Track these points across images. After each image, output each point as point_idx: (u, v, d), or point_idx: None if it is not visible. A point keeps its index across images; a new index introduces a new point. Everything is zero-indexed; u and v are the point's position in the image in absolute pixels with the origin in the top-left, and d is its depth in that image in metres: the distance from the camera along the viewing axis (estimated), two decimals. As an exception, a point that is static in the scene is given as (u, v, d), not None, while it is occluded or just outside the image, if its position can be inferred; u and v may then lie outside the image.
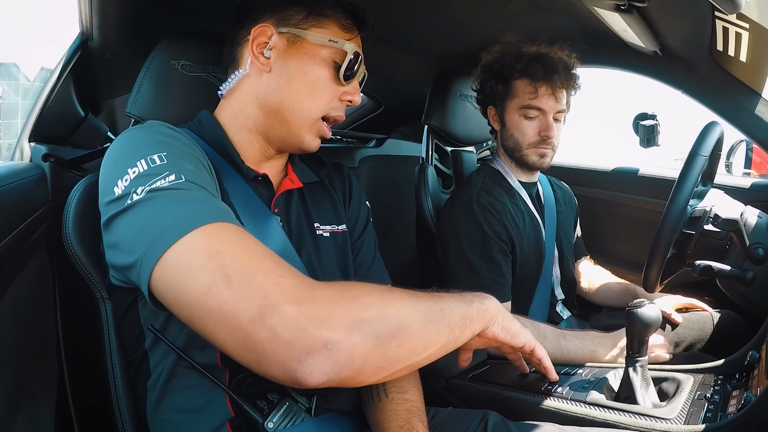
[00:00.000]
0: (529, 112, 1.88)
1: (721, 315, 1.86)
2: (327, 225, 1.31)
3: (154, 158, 0.92)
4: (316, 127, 1.20)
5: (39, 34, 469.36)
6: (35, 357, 1.35)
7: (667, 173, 2.58)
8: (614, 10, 1.46)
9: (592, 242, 2.46)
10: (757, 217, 1.58)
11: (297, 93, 1.16)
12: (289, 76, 1.16)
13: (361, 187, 1.46)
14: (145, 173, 0.90)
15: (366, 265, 1.38)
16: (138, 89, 1.35)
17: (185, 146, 1.02)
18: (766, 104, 1.61)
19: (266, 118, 1.19)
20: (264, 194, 1.21)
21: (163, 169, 0.91)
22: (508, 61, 1.90)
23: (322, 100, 1.18)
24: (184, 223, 0.83)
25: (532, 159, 1.92)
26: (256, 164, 1.23)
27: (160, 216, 0.85)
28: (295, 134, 1.19)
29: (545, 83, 1.85)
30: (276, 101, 1.17)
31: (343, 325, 0.78)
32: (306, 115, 1.18)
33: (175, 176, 0.90)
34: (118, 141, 1.02)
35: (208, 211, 0.86)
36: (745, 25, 1.38)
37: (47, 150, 1.58)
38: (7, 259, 1.16)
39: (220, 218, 0.86)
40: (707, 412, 1.23)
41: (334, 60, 1.18)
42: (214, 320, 0.78)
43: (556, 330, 1.71)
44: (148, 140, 0.99)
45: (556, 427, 1.20)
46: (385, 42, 2.26)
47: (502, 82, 1.92)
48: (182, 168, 0.93)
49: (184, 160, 0.96)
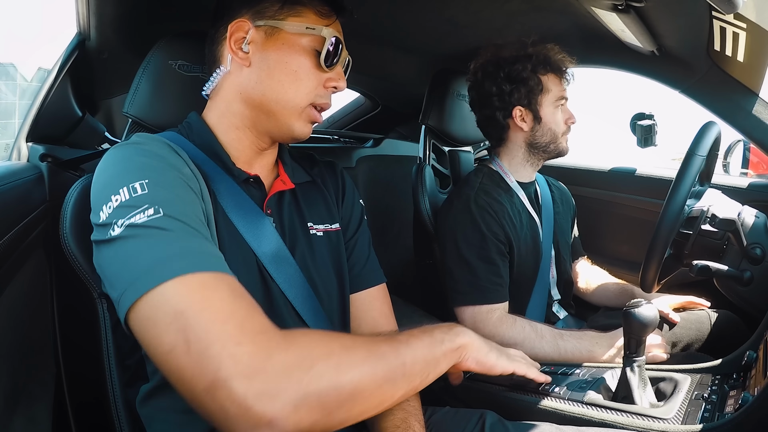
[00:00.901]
0: (560, 103, 1.96)
1: (718, 315, 1.86)
2: (320, 224, 1.30)
3: (136, 187, 0.92)
4: (306, 114, 1.20)
5: (39, 34, 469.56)
6: (33, 357, 1.35)
7: (664, 173, 2.58)
8: (612, 10, 1.47)
9: (589, 242, 2.46)
10: (754, 217, 1.59)
11: (279, 84, 1.16)
12: (269, 68, 1.16)
13: (354, 186, 1.46)
14: (126, 204, 0.90)
15: (360, 264, 1.38)
16: (135, 89, 1.34)
17: (168, 167, 1.00)
18: (764, 104, 1.61)
19: (252, 113, 1.18)
20: (256, 195, 1.21)
21: (142, 201, 0.90)
22: (539, 60, 1.92)
23: (306, 88, 1.17)
24: (154, 273, 0.82)
25: (564, 146, 2.01)
26: (248, 163, 1.23)
27: (135, 260, 0.85)
28: (285, 124, 1.19)
29: (563, 75, 1.96)
30: (259, 94, 1.16)
31: (291, 402, 0.77)
32: (292, 105, 1.17)
33: (154, 210, 0.89)
34: (106, 160, 1.02)
35: (180, 261, 0.85)
36: (742, 25, 1.38)
37: (44, 150, 1.57)
38: (4, 259, 1.16)
39: (191, 268, 0.84)
40: (705, 412, 1.23)
41: (314, 48, 1.17)
42: (175, 379, 0.79)
43: (553, 330, 1.72)
44: (132, 163, 0.98)
45: (553, 426, 1.20)
46: (383, 42, 2.27)
47: (533, 80, 1.93)
48: (162, 199, 0.91)
49: (166, 189, 0.95)
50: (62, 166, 1.55)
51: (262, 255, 1.14)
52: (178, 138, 1.18)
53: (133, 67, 1.37)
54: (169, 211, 0.90)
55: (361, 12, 1.91)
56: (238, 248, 1.11)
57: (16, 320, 1.25)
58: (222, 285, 0.85)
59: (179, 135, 1.20)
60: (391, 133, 3.39)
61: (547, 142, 1.97)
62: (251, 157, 1.23)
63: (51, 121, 1.66)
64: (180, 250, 0.86)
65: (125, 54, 1.74)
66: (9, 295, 1.19)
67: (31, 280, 1.36)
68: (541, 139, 1.97)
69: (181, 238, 0.89)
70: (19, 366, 1.24)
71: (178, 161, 1.03)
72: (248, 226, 1.14)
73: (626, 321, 1.31)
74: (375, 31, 2.12)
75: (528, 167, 2.03)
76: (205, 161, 1.15)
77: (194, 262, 0.85)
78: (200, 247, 0.90)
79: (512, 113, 1.97)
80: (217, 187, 1.13)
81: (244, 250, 1.13)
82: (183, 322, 0.79)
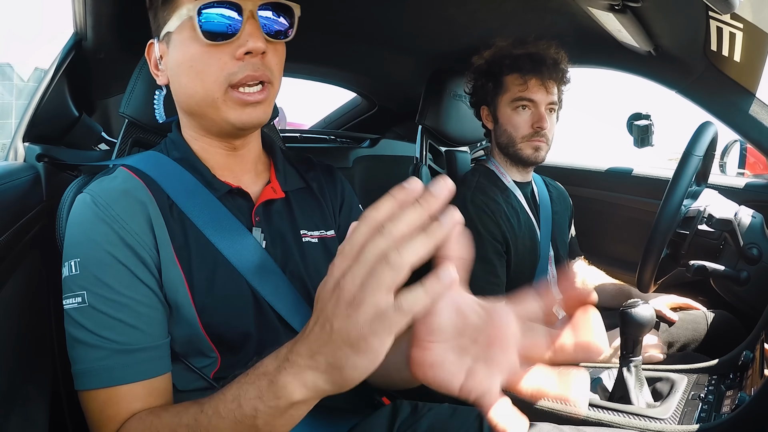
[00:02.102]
0: (520, 105, 1.90)
1: (715, 315, 1.87)
2: (315, 231, 1.26)
3: (72, 265, 1.00)
4: (230, 101, 1.06)
5: (39, 34, 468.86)
6: (29, 357, 1.35)
7: (661, 173, 2.58)
8: (608, 10, 1.47)
9: (586, 242, 2.46)
10: (751, 217, 1.59)
11: (188, 86, 1.08)
12: (176, 74, 1.10)
13: (354, 192, 1.42)
14: (66, 281, 1.00)
15: None
16: (132, 89, 1.34)
17: (102, 242, 1.01)
18: (760, 104, 1.61)
19: (194, 120, 1.14)
20: (243, 205, 1.16)
21: (75, 285, 0.99)
22: (497, 59, 1.92)
23: (210, 76, 1.04)
24: (77, 379, 0.97)
25: (527, 153, 1.92)
26: (228, 170, 1.18)
27: (71, 353, 0.99)
28: (217, 119, 1.09)
29: (534, 75, 1.87)
30: (183, 103, 1.13)
31: None
32: (207, 101, 1.06)
33: (81, 299, 0.97)
34: (70, 217, 1.07)
35: (84, 377, 0.96)
36: (739, 25, 1.38)
37: (41, 150, 1.57)
38: (0, 260, 1.16)
39: (87, 385, 0.96)
40: (701, 412, 1.23)
41: (196, 30, 1.02)
42: None
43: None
44: (77, 233, 1.03)
45: (551, 426, 1.20)
46: (379, 42, 2.27)
47: (492, 80, 1.94)
48: (90, 283, 0.98)
49: (97, 268, 0.99)
50: (59, 167, 1.54)
51: (245, 271, 1.10)
52: (156, 158, 1.16)
53: (129, 68, 1.37)
54: (92, 300, 0.97)
55: (357, 12, 1.92)
56: (220, 269, 1.08)
57: (13, 321, 1.25)
58: (97, 401, 0.96)
59: (159, 154, 1.17)
60: (387, 133, 3.38)
61: (506, 145, 1.96)
62: (227, 161, 1.18)
63: (48, 121, 1.66)
64: (82, 368, 0.97)
65: (122, 54, 1.74)
66: (5, 295, 1.19)
67: (27, 281, 1.36)
68: (501, 140, 1.97)
69: (89, 350, 0.97)
70: (15, 366, 1.24)
71: (116, 223, 1.02)
72: (228, 243, 1.10)
73: (623, 321, 1.31)
74: (371, 31, 2.12)
75: (513, 168, 2.02)
76: (183, 178, 1.12)
77: (87, 381, 0.96)
78: (101, 361, 0.96)
79: (480, 112, 2.02)
80: (192, 210, 1.09)
81: (228, 270, 1.09)
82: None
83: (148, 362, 0.97)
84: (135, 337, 0.97)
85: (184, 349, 1.06)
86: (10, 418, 1.16)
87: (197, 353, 1.07)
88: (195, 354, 1.07)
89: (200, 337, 1.05)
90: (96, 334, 0.95)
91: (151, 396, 0.97)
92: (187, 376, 1.07)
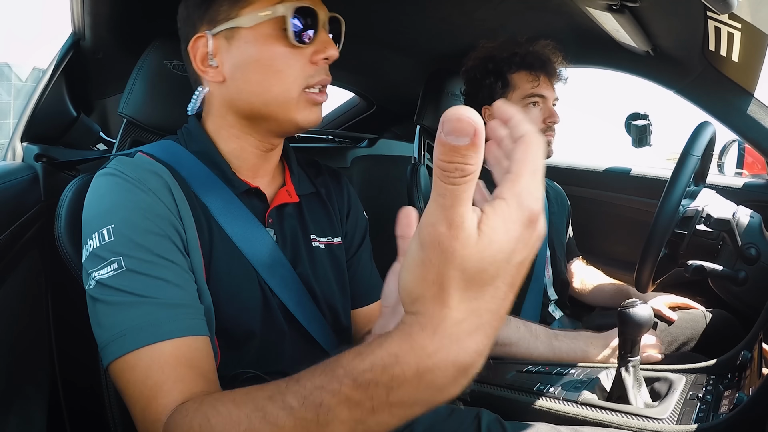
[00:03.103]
0: (531, 102, 1.90)
1: (713, 315, 1.87)
2: (322, 237, 1.27)
3: (104, 234, 0.96)
4: (303, 101, 1.09)
5: (39, 34, 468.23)
6: (28, 357, 1.35)
7: (659, 173, 2.58)
8: (606, 10, 1.47)
9: (584, 242, 2.46)
10: (749, 217, 1.59)
11: (260, 85, 1.07)
12: (244, 73, 1.08)
13: (359, 199, 1.43)
14: (95, 253, 0.95)
15: (365, 279, 1.36)
16: (130, 89, 1.34)
17: (138, 207, 0.99)
18: (758, 104, 1.61)
19: (248, 121, 1.13)
20: (257, 206, 1.17)
21: (108, 253, 0.94)
22: (503, 57, 1.91)
23: (290, 76, 1.07)
24: (106, 351, 0.91)
25: None
26: (251, 170, 1.18)
27: (100, 329, 0.94)
28: (285, 120, 1.11)
29: (542, 72, 1.89)
30: (246, 103, 1.10)
31: None
32: (282, 100, 1.08)
33: (117, 264, 0.93)
34: (90, 194, 1.04)
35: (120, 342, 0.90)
36: (737, 25, 1.38)
37: (39, 150, 1.57)
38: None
39: (123, 350, 0.90)
40: (699, 412, 1.23)
41: (281, 30, 1.06)
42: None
43: (548, 330, 1.72)
44: (107, 202, 1.00)
45: (549, 426, 1.20)
46: (377, 42, 2.26)
47: (500, 79, 1.93)
48: (127, 248, 0.95)
49: (134, 231, 0.96)
50: (57, 167, 1.54)
51: (260, 268, 1.12)
52: (174, 148, 1.15)
53: (128, 67, 1.36)
54: (129, 264, 0.93)
55: (355, 12, 1.92)
56: (234, 259, 1.10)
57: (11, 321, 1.25)
58: (140, 365, 0.89)
59: (176, 144, 1.17)
60: (385, 133, 3.38)
61: None
62: (255, 162, 1.18)
63: (46, 121, 1.66)
64: (122, 330, 0.90)
65: (120, 54, 1.74)
66: (3, 295, 1.19)
67: (25, 281, 1.36)
68: None
69: (130, 309, 0.92)
70: (13, 366, 1.24)
71: (151, 193, 1.01)
72: (246, 239, 1.11)
73: (621, 321, 1.31)
74: (369, 31, 2.12)
75: None
76: (201, 172, 1.13)
77: (129, 342, 0.90)
78: (144, 317, 0.91)
79: (482, 113, 1.99)
80: (211, 200, 1.10)
81: (243, 265, 1.10)
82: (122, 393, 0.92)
83: (194, 318, 0.95)
84: (179, 295, 0.95)
85: None
86: (8, 418, 1.16)
87: None
88: None
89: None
90: (137, 295, 0.92)
91: (195, 359, 0.92)
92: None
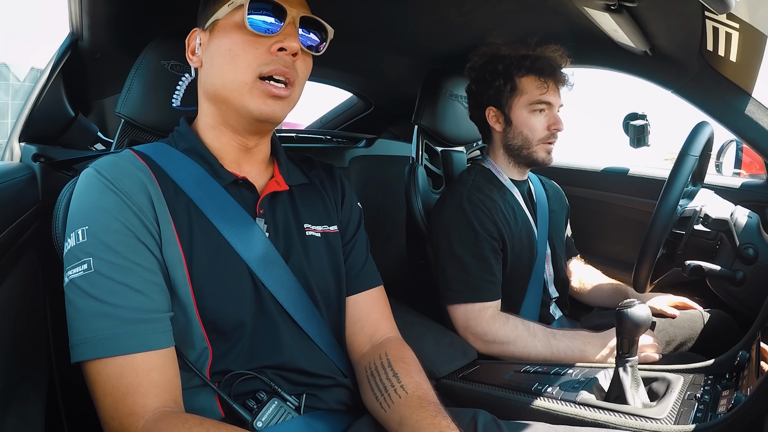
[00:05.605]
0: (538, 108, 1.91)
1: (711, 315, 1.87)
2: (318, 225, 1.30)
3: (79, 234, 1.02)
4: (257, 90, 1.12)
5: (38, 34, 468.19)
6: (25, 357, 1.35)
7: (657, 173, 2.59)
8: (604, 10, 1.47)
9: (582, 242, 2.46)
10: (747, 217, 1.59)
11: (220, 69, 1.13)
12: (212, 59, 1.16)
13: (353, 189, 1.46)
14: (71, 252, 1.02)
15: (358, 266, 1.37)
16: (128, 89, 1.34)
17: (108, 209, 1.04)
18: (756, 104, 1.61)
19: (215, 107, 1.19)
20: (248, 197, 1.21)
21: (81, 253, 1.01)
22: (512, 59, 1.91)
23: (245, 62, 1.11)
24: (76, 351, 0.98)
25: (541, 155, 1.95)
26: (236, 163, 1.23)
27: (71, 327, 1.00)
28: (239, 107, 1.13)
29: (552, 79, 1.90)
30: (211, 86, 1.17)
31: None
32: (235, 84, 1.12)
33: (87, 265, 1.00)
34: (75, 190, 1.10)
35: (88, 346, 0.97)
36: (735, 25, 1.38)
37: (37, 150, 1.57)
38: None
39: (93, 354, 0.97)
40: (697, 412, 1.23)
41: (244, 18, 1.11)
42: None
43: (546, 329, 1.72)
44: (84, 202, 1.07)
45: (547, 426, 1.20)
46: (375, 42, 2.27)
47: (509, 82, 1.93)
48: (96, 249, 1.01)
49: (104, 233, 1.02)
50: (55, 166, 1.54)
51: (249, 259, 1.14)
52: (163, 147, 1.20)
53: (125, 67, 1.37)
54: (97, 265, 1.00)
55: (353, 12, 1.92)
56: (222, 254, 1.12)
57: (9, 320, 1.25)
58: (111, 367, 0.97)
59: (167, 145, 1.22)
60: (383, 133, 3.39)
61: (519, 147, 1.96)
62: (237, 156, 1.23)
63: (44, 121, 1.66)
64: (83, 338, 0.98)
65: (118, 54, 1.74)
66: (1, 295, 1.19)
67: (23, 281, 1.35)
68: (513, 142, 1.96)
69: (92, 319, 0.99)
70: (11, 366, 1.23)
71: (121, 193, 1.06)
72: (234, 231, 1.14)
73: (619, 321, 1.31)
74: (367, 31, 2.12)
75: (513, 168, 2.03)
76: (190, 167, 1.17)
77: (89, 350, 0.97)
78: (105, 329, 0.98)
79: (485, 113, 2.00)
80: (196, 194, 1.14)
81: (231, 256, 1.13)
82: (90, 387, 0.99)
83: (153, 334, 1.00)
84: (140, 302, 1.00)
85: (176, 341, 1.06)
86: (6, 418, 1.16)
87: (189, 345, 1.09)
88: (187, 346, 1.09)
89: (193, 323, 1.08)
90: (101, 301, 0.98)
91: (165, 366, 1.00)
92: (182, 375, 1.07)
